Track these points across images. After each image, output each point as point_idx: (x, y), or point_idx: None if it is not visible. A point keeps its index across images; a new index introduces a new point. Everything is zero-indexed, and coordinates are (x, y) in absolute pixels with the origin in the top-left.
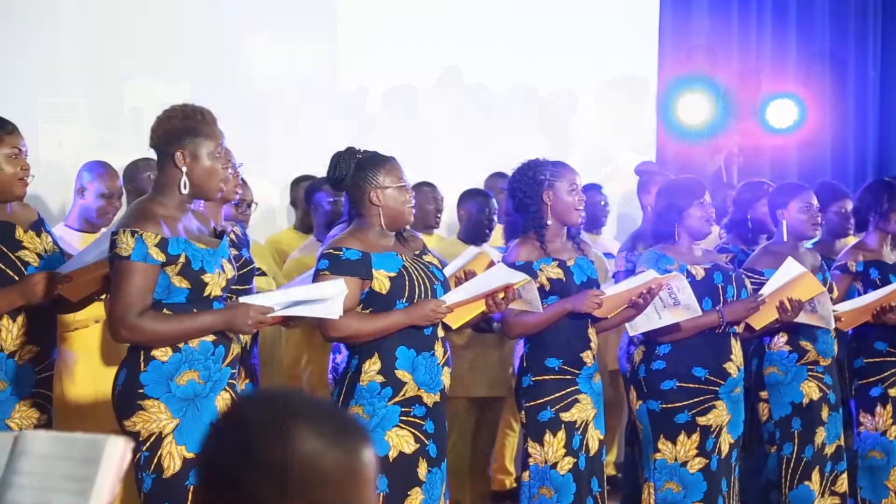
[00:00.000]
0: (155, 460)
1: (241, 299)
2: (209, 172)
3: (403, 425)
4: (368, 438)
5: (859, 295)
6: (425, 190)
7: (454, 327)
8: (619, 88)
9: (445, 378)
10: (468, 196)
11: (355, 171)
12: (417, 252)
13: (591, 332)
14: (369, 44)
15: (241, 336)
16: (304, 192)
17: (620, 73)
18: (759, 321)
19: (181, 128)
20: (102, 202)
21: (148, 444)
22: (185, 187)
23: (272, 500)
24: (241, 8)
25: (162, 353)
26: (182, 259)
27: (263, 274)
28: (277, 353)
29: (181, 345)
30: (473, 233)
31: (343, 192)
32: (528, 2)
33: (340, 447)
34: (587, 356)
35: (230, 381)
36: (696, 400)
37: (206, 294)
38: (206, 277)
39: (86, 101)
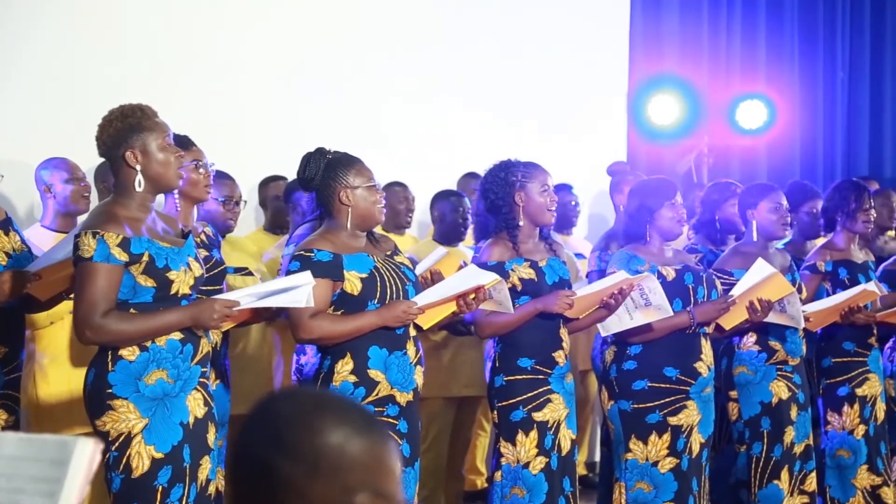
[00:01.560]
0: (124, 460)
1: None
2: (163, 164)
3: None
4: (391, 433)
5: (828, 295)
6: (396, 190)
7: (425, 328)
8: (590, 88)
9: (418, 377)
10: (441, 197)
11: (325, 171)
12: (389, 253)
13: (563, 332)
14: (337, 46)
15: (212, 335)
16: (284, 191)
17: (591, 74)
18: (730, 321)
19: (124, 128)
20: (72, 185)
21: (117, 443)
22: (139, 185)
23: (305, 484)
24: (206, 7)
25: (129, 353)
26: (145, 258)
27: (250, 273)
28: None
29: (148, 343)
30: (448, 233)
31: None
32: (499, 1)
33: (367, 437)
34: (559, 356)
35: (201, 379)
36: (667, 400)
37: (172, 292)
38: (172, 275)
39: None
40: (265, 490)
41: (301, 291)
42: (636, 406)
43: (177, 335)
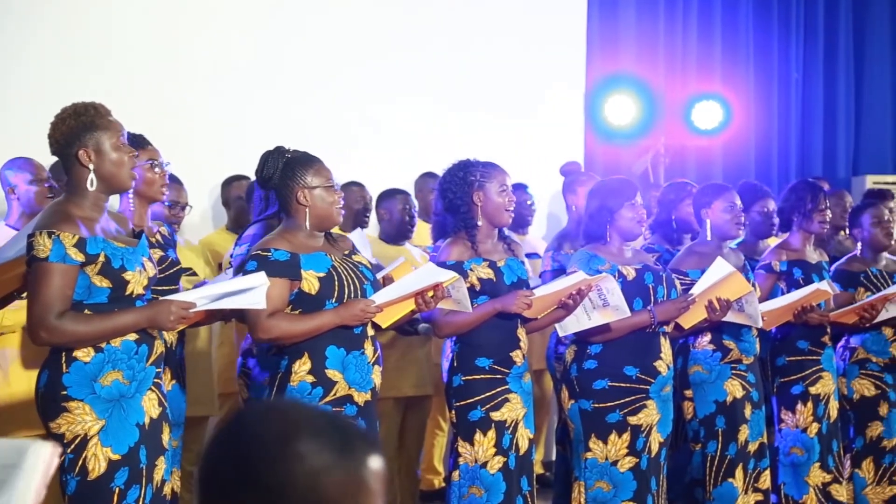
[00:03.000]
0: (80, 462)
1: (164, 297)
2: (117, 164)
3: None
4: (375, 447)
5: (783, 294)
6: (353, 190)
7: (384, 326)
8: (547, 88)
9: (376, 377)
10: (387, 195)
11: (283, 170)
12: (347, 252)
13: (521, 332)
14: (298, 48)
15: (167, 335)
16: (245, 190)
17: (549, 74)
18: (689, 320)
19: (77, 126)
20: (36, 186)
21: (73, 446)
22: (91, 184)
23: None
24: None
25: (84, 354)
26: (101, 258)
27: (194, 274)
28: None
29: (103, 344)
30: (394, 232)
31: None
32: (455, 1)
33: (345, 463)
34: (517, 356)
35: (155, 380)
36: (627, 399)
37: (127, 293)
38: (128, 276)
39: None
40: None
41: (257, 293)
42: (596, 405)
43: (132, 336)
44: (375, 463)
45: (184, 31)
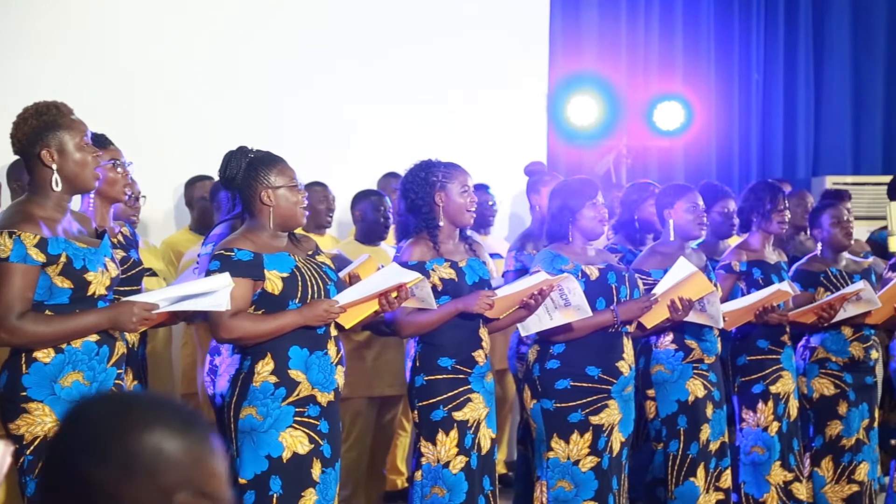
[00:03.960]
0: (39, 464)
1: (126, 298)
2: (80, 164)
3: (297, 426)
4: (213, 432)
5: (743, 294)
6: (317, 190)
7: (347, 326)
8: (510, 88)
9: (339, 377)
10: (362, 196)
11: (246, 170)
12: (310, 252)
13: (483, 332)
14: (262, 49)
15: (128, 336)
16: (209, 191)
17: (511, 74)
18: (651, 320)
19: (40, 126)
20: None
21: (32, 447)
22: (56, 184)
23: (118, 488)
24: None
25: (44, 355)
26: (63, 259)
27: (154, 274)
28: (168, 355)
29: (64, 345)
30: (369, 233)
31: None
32: (421, 2)
33: (185, 435)
34: (479, 356)
35: (116, 381)
36: (589, 399)
37: (89, 294)
38: (89, 276)
39: None
40: (77, 499)
41: (221, 295)
42: (559, 405)
43: (93, 337)
44: (215, 443)
45: (150, 30)
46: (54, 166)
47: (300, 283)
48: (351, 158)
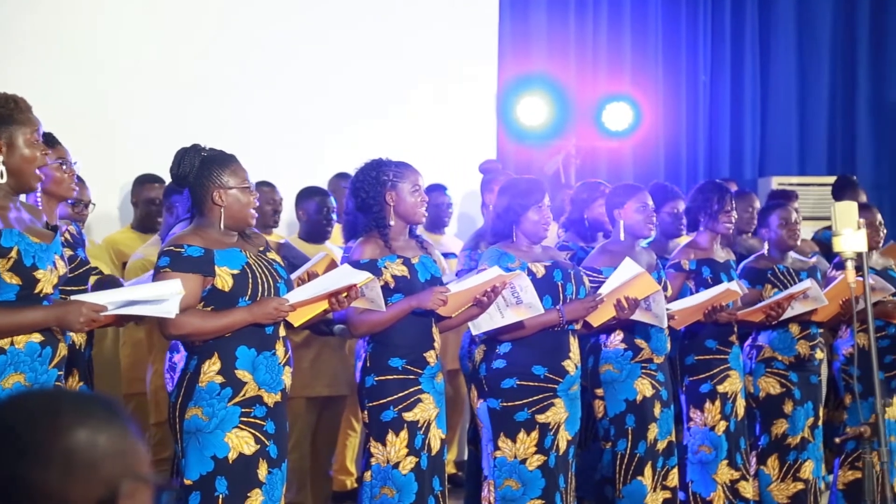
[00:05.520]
0: None
1: (74, 298)
2: (27, 160)
3: (243, 426)
4: (132, 419)
5: (692, 292)
6: (264, 190)
7: (296, 325)
8: (460, 89)
9: (286, 378)
10: (306, 195)
11: (199, 169)
12: (261, 249)
13: (435, 331)
14: (207, 43)
15: (74, 337)
16: (164, 191)
17: (462, 73)
18: (598, 319)
19: None
20: None
21: None
22: (2, 176)
23: (60, 487)
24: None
25: None
26: (14, 254)
27: (100, 273)
28: (115, 356)
29: (6, 346)
30: (313, 231)
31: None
32: (370, 1)
33: (114, 426)
34: (430, 356)
35: (57, 383)
36: (535, 398)
37: (36, 291)
38: (39, 274)
39: None
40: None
41: (170, 303)
42: (505, 404)
43: (37, 337)
44: (136, 429)
45: (102, 28)
46: (1, 158)
47: (251, 281)
48: (299, 158)
